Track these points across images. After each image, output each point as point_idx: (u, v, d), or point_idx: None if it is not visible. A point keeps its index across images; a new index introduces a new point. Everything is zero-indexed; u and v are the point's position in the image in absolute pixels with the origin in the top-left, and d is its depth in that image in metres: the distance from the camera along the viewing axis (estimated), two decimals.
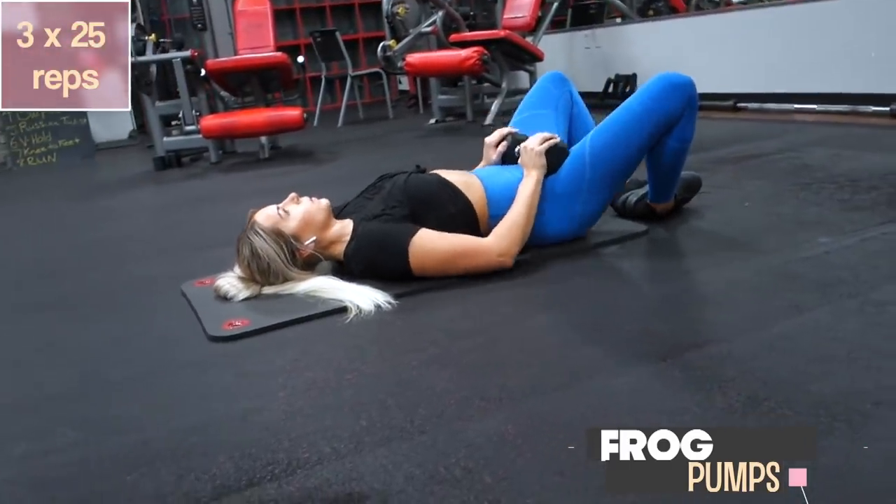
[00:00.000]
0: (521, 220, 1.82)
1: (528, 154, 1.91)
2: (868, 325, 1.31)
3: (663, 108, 1.86)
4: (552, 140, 1.93)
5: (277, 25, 8.75)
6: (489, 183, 1.92)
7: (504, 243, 1.78)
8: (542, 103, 2.23)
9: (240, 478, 1.04)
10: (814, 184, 2.39)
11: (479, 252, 1.77)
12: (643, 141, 1.88)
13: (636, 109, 1.88)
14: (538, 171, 1.89)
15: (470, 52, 4.53)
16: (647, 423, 1.05)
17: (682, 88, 1.87)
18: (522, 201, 1.84)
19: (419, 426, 1.13)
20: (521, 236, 1.82)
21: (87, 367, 1.54)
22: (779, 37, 4.26)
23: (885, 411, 1.03)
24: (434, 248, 1.74)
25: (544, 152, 1.90)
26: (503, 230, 1.80)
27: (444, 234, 1.77)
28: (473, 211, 1.88)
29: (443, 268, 1.76)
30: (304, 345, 1.51)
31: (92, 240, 2.83)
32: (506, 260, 1.78)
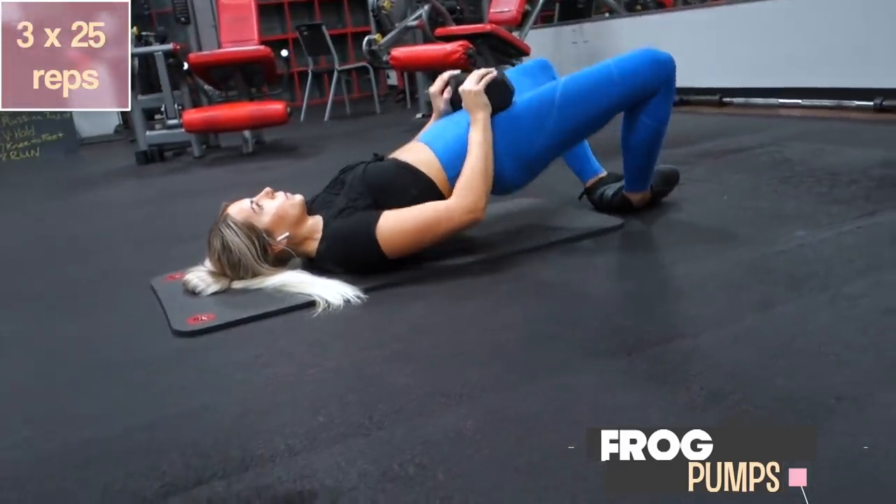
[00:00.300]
0: (478, 169, 1.79)
1: (467, 97, 1.87)
2: (838, 320, 1.29)
3: (639, 76, 1.84)
4: (489, 75, 1.89)
5: (265, 19, 8.73)
6: (437, 146, 1.89)
7: (468, 199, 1.76)
8: (523, 74, 2.19)
9: (189, 476, 1.02)
10: (793, 177, 2.37)
11: (446, 216, 1.74)
12: (612, 102, 1.86)
13: (613, 70, 1.86)
14: (482, 111, 1.85)
15: (455, 46, 4.50)
16: (607, 419, 1.03)
17: (661, 64, 1.85)
18: (474, 150, 1.81)
19: (377, 422, 1.10)
20: (484, 185, 1.79)
21: (47, 361, 1.51)
22: (764, 31, 4.24)
23: (847, 406, 1.01)
24: (401, 226, 1.72)
25: (483, 90, 1.87)
26: (463, 185, 1.78)
27: (407, 209, 1.74)
28: (435, 186, 1.84)
29: (416, 242, 1.74)
30: (269, 340, 1.49)
31: (67, 234, 2.80)
32: (476, 214, 1.76)
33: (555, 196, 2.41)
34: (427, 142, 1.92)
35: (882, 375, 1.08)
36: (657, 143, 1.95)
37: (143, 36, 4.65)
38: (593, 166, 2.24)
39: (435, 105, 2.05)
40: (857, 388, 1.05)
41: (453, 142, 1.87)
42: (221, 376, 1.35)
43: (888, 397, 1.02)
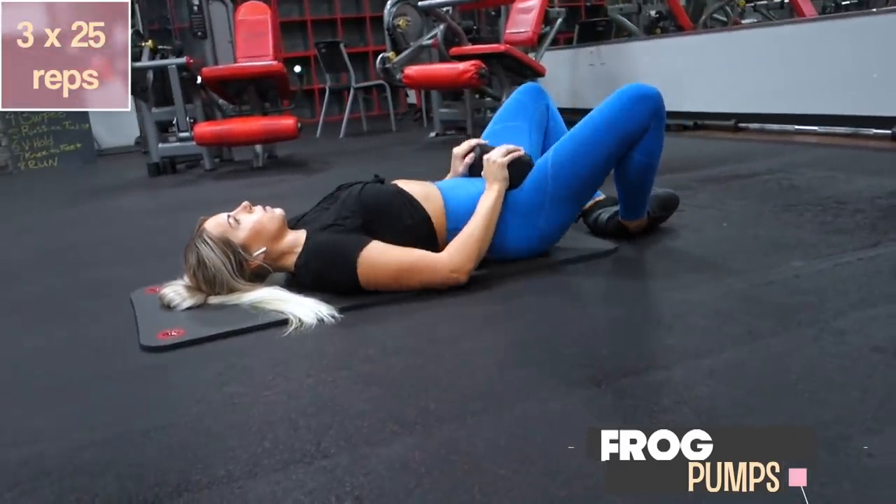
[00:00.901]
0: (478, 234, 1.75)
1: (490, 166, 1.84)
2: (821, 356, 1.22)
3: (628, 120, 1.78)
4: (516, 153, 1.86)
5: (288, 36, 8.84)
6: (449, 195, 1.85)
7: (458, 259, 1.71)
8: (516, 115, 2.16)
9: (120, 499, 0.97)
10: (798, 205, 2.30)
11: (430, 267, 1.69)
12: (607, 155, 1.80)
13: (599, 122, 1.80)
14: (500, 183, 1.82)
15: (468, 66, 4.48)
16: (561, 456, 0.97)
17: (647, 100, 1.79)
18: (481, 215, 1.77)
19: (324, 450, 1.06)
20: (477, 251, 1.74)
21: (10, 374, 1.49)
22: (782, 57, 4.17)
23: (820, 450, 0.94)
24: (383, 261, 1.67)
25: (507, 165, 1.83)
26: (458, 245, 1.73)
27: (395, 247, 1.70)
28: (431, 224, 1.80)
29: (392, 282, 1.69)
30: (234, 358, 1.45)
31: (64, 244, 2.80)
32: (459, 276, 1.71)
33: None
34: (439, 186, 1.89)
35: (862, 417, 1.01)
36: (650, 174, 1.89)
37: (159, 49, 4.69)
38: None
39: (453, 166, 2.02)
40: (833, 430, 0.98)
41: (465, 197, 1.84)
42: (180, 395, 1.32)
43: (867, 442, 0.95)
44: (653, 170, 1.88)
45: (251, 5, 5.15)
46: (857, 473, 0.88)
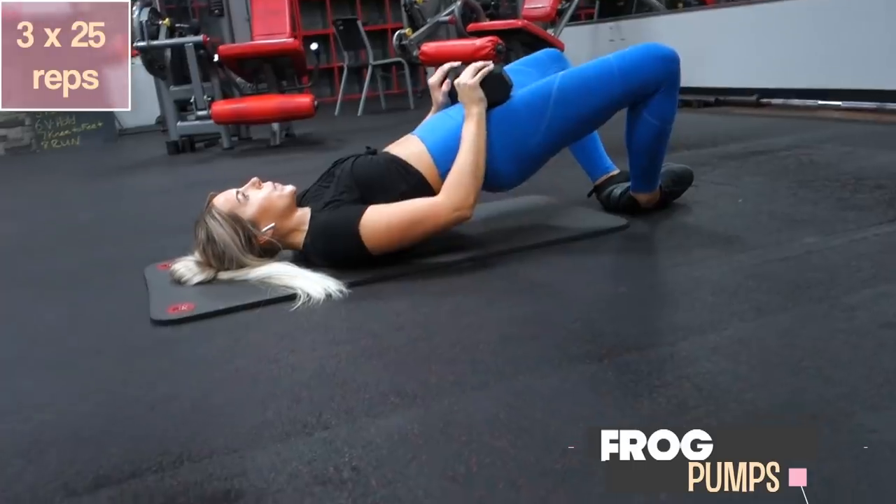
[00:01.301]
0: (469, 166, 1.73)
1: (462, 91, 1.81)
2: (829, 332, 1.20)
3: (640, 71, 1.76)
4: (485, 68, 1.82)
5: (307, 14, 8.80)
6: (430, 140, 1.83)
7: (456, 196, 1.70)
8: (531, 65, 2.12)
9: (124, 469, 0.99)
10: (816, 181, 2.26)
11: (432, 213, 1.69)
12: (612, 97, 1.78)
13: (613, 64, 1.78)
14: (477, 106, 1.79)
15: (484, 42, 4.43)
16: (558, 429, 0.97)
17: (664, 60, 1.77)
18: (466, 146, 1.75)
19: (324, 421, 1.06)
20: (474, 182, 1.73)
21: (22, 346, 1.51)
22: (806, 30, 4.08)
23: (821, 427, 0.93)
24: (385, 221, 1.67)
25: (479, 84, 1.80)
26: (452, 182, 1.72)
27: (392, 204, 1.69)
28: (426, 182, 1.79)
29: (400, 239, 1.69)
30: (241, 332, 1.46)
31: (82, 220, 2.83)
32: (463, 212, 1.70)
33: (564, 195, 2.34)
34: (420, 135, 1.88)
35: (867, 394, 0.99)
36: (662, 142, 1.86)
37: (176, 28, 4.69)
38: (604, 164, 2.17)
39: (434, 98, 2.00)
40: (836, 406, 0.97)
41: (446, 136, 1.82)
42: (186, 367, 1.33)
43: (869, 419, 0.93)
44: (665, 136, 1.85)
45: None
46: (858, 450, 0.87)
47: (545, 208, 2.20)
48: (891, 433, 0.90)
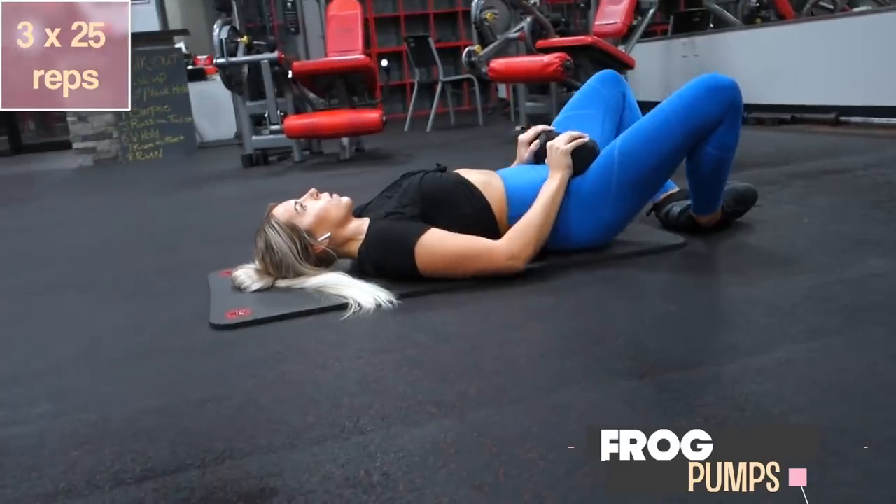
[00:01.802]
0: (537, 221, 1.74)
1: (553, 153, 1.83)
2: (885, 359, 1.16)
3: (700, 112, 1.73)
4: (580, 140, 1.83)
5: (382, 31, 9.00)
6: (511, 182, 1.85)
7: (515, 246, 1.71)
8: (588, 103, 2.12)
9: (170, 463, 1.04)
10: (890, 202, 2.17)
11: (487, 254, 1.70)
12: (676, 146, 1.75)
13: (671, 112, 1.75)
14: (563, 171, 1.80)
15: (552, 58, 4.43)
16: (589, 444, 0.97)
17: (722, 92, 1.73)
18: (541, 203, 1.76)
19: (361, 427, 1.09)
20: (536, 239, 1.73)
21: (88, 344, 1.60)
22: (887, 46, 3.92)
23: (862, 454, 0.89)
24: (441, 248, 1.69)
25: (570, 152, 1.81)
26: (516, 232, 1.73)
27: (453, 234, 1.71)
28: (491, 212, 1.81)
29: (450, 269, 1.71)
30: (293, 338, 1.50)
31: (158, 227, 2.97)
32: (516, 263, 1.71)
33: None
34: (502, 174, 1.89)
35: None
36: (723, 169, 1.82)
37: (254, 45, 4.88)
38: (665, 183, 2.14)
39: (519, 153, 2.02)
40: (882, 433, 0.93)
41: (526, 184, 1.83)
42: (238, 370, 1.38)
43: None
44: (727, 164, 1.81)
45: (342, 1, 5.28)
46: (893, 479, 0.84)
47: None
48: None
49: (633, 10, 5.08)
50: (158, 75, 6.28)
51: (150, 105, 6.27)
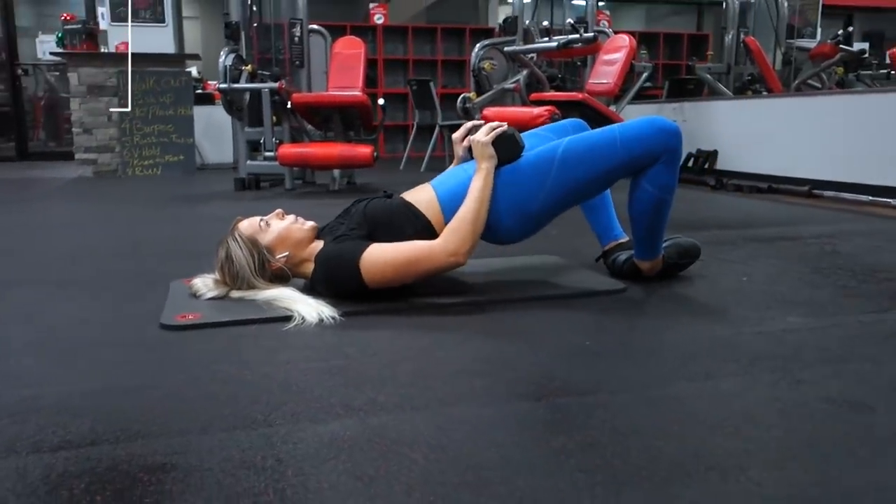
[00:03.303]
0: (469, 215, 1.83)
1: (475, 146, 1.93)
2: (767, 399, 1.24)
3: (642, 141, 1.85)
4: (499, 128, 1.93)
5: (390, 73, 9.24)
6: (441, 189, 1.96)
7: (453, 242, 1.81)
8: (553, 131, 2.23)
9: (87, 437, 1.12)
10: (829, 269, 2.27)
11: (428, 255, 1.80)
12: (614, 165, 1.87)
13: (617, 135, 1.87)
14: (487, 162, 1.90)
15: (541, 111, 4.60)
16: (471, 450, 1.05)
17: (665, 132, 1.86)
18: (471, 197, 1.86)
19: (270, 421, 1.17)
20: (472, 232, 1.83)
21: (44, 333, 1.68)
22: (862, 126, 4.08)
23: (712, 476, 0.98)
24: (384, 258, 1.79)
25: (492, 142, 1.91)
26: (451, 229, 1.83)
27: (393, 244, 1.81)
28: (432, 228, 1.91)
29: (396, 276, 1.80)
30: (233, 342, 1.59)
31: (139, 237, 3.06)
32: (458, 258, 1.80)
33: (578, 257, 2.42)
34: (433, 184, 2.01)
35: (771, 455, 1.04)
36: (660, 211, 1.93)
37: (257, 74, 5.05)
38: (614, 231, 2.25)
39: (455, 152, 2.14)
40: (734, 460, 1.02)
41: (455, 186, 1.94)
42: (174, 365, 1.46)
43: (760, 475, 0.98)
44: (663, 206, 1.92)
45: (347, 40, 5.48)
46: (741, 500, 0.92)
47: (552, 267, 2.28)
48: (773, 490, 0.94)
49: (626, 72, 5.27)
50: (166, 95, 6.46)
51: (155, 123, 6.44)
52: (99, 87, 6.43)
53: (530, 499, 0.92)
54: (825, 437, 1.10)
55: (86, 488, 0.97)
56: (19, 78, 8.67)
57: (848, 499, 0.92)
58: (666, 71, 9.70)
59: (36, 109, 9.48)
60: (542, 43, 5.51)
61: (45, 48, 8.22)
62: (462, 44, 9.41)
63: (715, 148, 5.18)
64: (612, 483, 0.96)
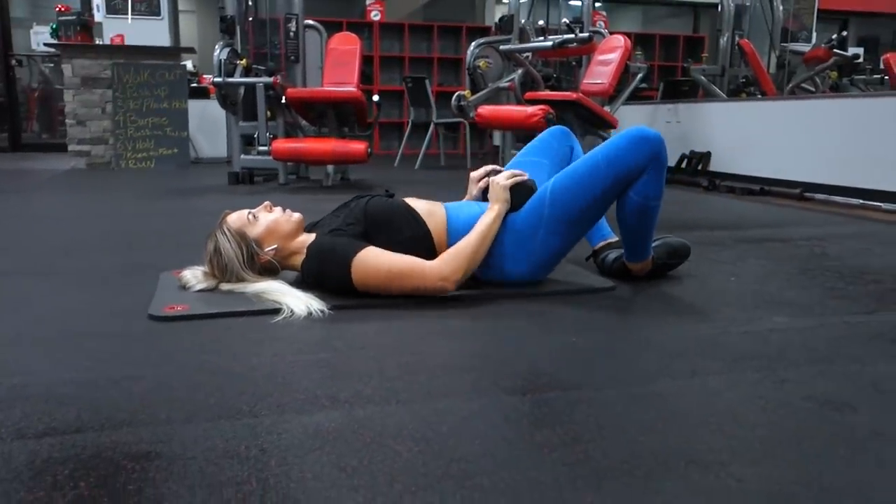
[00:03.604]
0: (470, 248, 1.84)
1: (493, 187, 1.95)
2: (750, 397, 1.25)
3: (625, 159, 1.85)
4: (519, 177, 1.95)
5: (386, 70, 9.24)
6: (453, 214, 1.97)
7: (447, 268, 1.81)
8: (539, 152, 2.26)
9: (72, 424, 1.12)
10: (816, 270, 2.29)
11: (420, 273, 1.80)
12: (603, 189, 1.87)
13: (600, 158, 1.88)
14: (500, 204, 1.92)
15: (535, 110, 4.61)
16: (455, 443, 1.06)
17: (647, 142, 1.86)
18: (476, 231, 1.87)
19: (256, 411, 1.18)
20: (467, 264, 1.84)
21: (32, 323, 1.68)
22: (853, 129, 4.10)
23: (692, 471, 0.98)
24: (376, 265, 1.79)
25: (509, 187, 1.93)
26: (450, 255, 1.83)
27: (390, 252, 1.81)
28: (431, 239, 1.91)
29: (384, 285, 1.80)
30: (221, 334, 1.59)
31: (130, 229, 3.06)
32: (446, 285, 1.81)
33: (568, 256, 2.42)
34: (447, 206, 2.01)
35: (751, 451, 1.04)
36: (647, 217, 1.93)
37: (252, 68, 5.04)
38: (603, 231, 2.26)
39: (469, 189, 2.14)
40: (715, 456, 1.03)
41: (467, 217, 1.95)
42: (162, 356, 1.46)
43: (740, 470, 0.99)
44: (652, 213, 1.93)
45: (342, 35, 5.48)
46: (720, 494, 0.93)
47: None
48: (750, 484, 0.95)
49: (621, 72, 5.28)
50: (160, 89, 6.45)
51: (149, 116, 6.43)
52: (93, 78, 6.41)
53: (512, 490, 0.93)
54: (807, 436, 1.11)
55: (70, 474, 0.97)
56: (13, 69, 8.64)
57: (827, 496, 0.93)
58: (662, 72, 9.72)
59: (30, 101, 9.44)
60: (538, 42, 5.52)
61: (40, 39, 8.18)
62: (458, 42, 9.41)
63: (708, 149, 5.20)
64: (593, 476, 0.97)
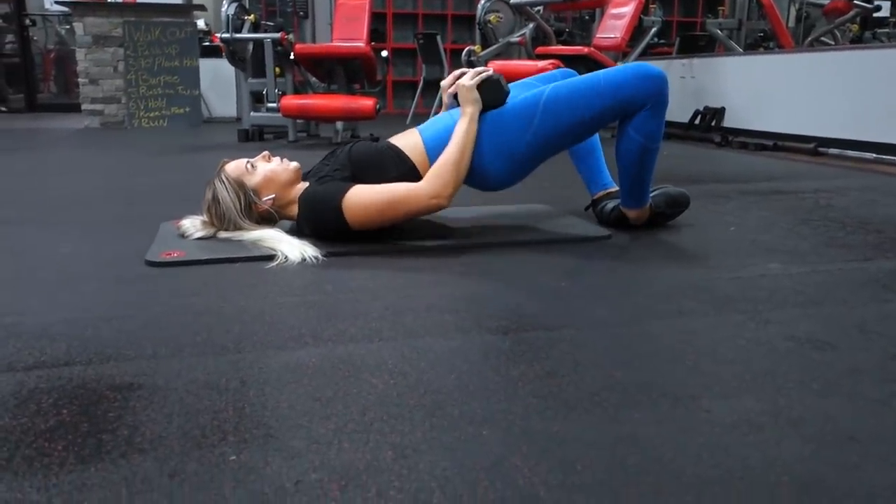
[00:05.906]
0: (452, 158, 1.84)
1: (460, 91, 1.93)
2: (730, 337, 1.26)
3: (626, 88, 1.83)
4: (484, 73, 1.94)
5: (399, 27, 9.14)
6: (427, 134, 1.96)
7: (435, 185, 1.82)
8: (541, 80, 2.22)
9: (60, 359, 1.15)
10: (819, 221, 2.27)
11: (410, 197, 1.81)
12: (597, 110, 1.86)
13: (602, 80, 1.86)
14: (471, 106, 1.91)
15: (546, 64, 4.55)
16: (431, 377, 1.08)
17: (651, 79, 1.83)
18: (454, 141, 1.87)
19: (239, 348, 1.20)
20: (455, 175, 1.84)
21: (32, 267, 1.71)
22: (872, 83, 4.01)
23: (662, 403, 1.00)
24: (366, 200, 1.80)
25: (476, 86, 1.91)
26: (434, 172, 1.84)
27: (375, 185, 1.82)
28: (417, 171, 1.91)
29: (379, 217, 1.82)
30: (214, 278, 1.62)
31: (136, 183, 3.09)
32: (440, 201, 1.82)
33: (569, 204, 2.43)
34: (420, 129, 2.01)
35: (725, 386, 1.05)
36: (646, 159, 1.92)
37: (260, 24, 5.01)
38: (603, 180, 2.24)
39: (443, 99, 2.13)
40: (687, 390, 1.04)
41: (441, 131, 1.94)
42: (154, 297, 1.49)
43: (709, 403, 1.00)
44: (649, 154, 1.91)
45: None
46: (686, 423, 0.94)
47: (540, 214, 2.29)
48: (721, 417, 0.96)
49: (634, 27, 5.19)
50: (172, 46, 6.43)
51: (161, 75, 6.43)
52: (105, 37, 6.41)
53: (480, 419, 0.95)
54: (782, 372, 1.11)
55: (53, 403, 1.00)
56: (27, 28, 8.65)
57: (792, 425, 0.94)
58: (681, 28, 9.52)
59: (46, 62, 9.47)
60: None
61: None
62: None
63: (722, 105, 5.11)
64: (562, 407, 0.98)
